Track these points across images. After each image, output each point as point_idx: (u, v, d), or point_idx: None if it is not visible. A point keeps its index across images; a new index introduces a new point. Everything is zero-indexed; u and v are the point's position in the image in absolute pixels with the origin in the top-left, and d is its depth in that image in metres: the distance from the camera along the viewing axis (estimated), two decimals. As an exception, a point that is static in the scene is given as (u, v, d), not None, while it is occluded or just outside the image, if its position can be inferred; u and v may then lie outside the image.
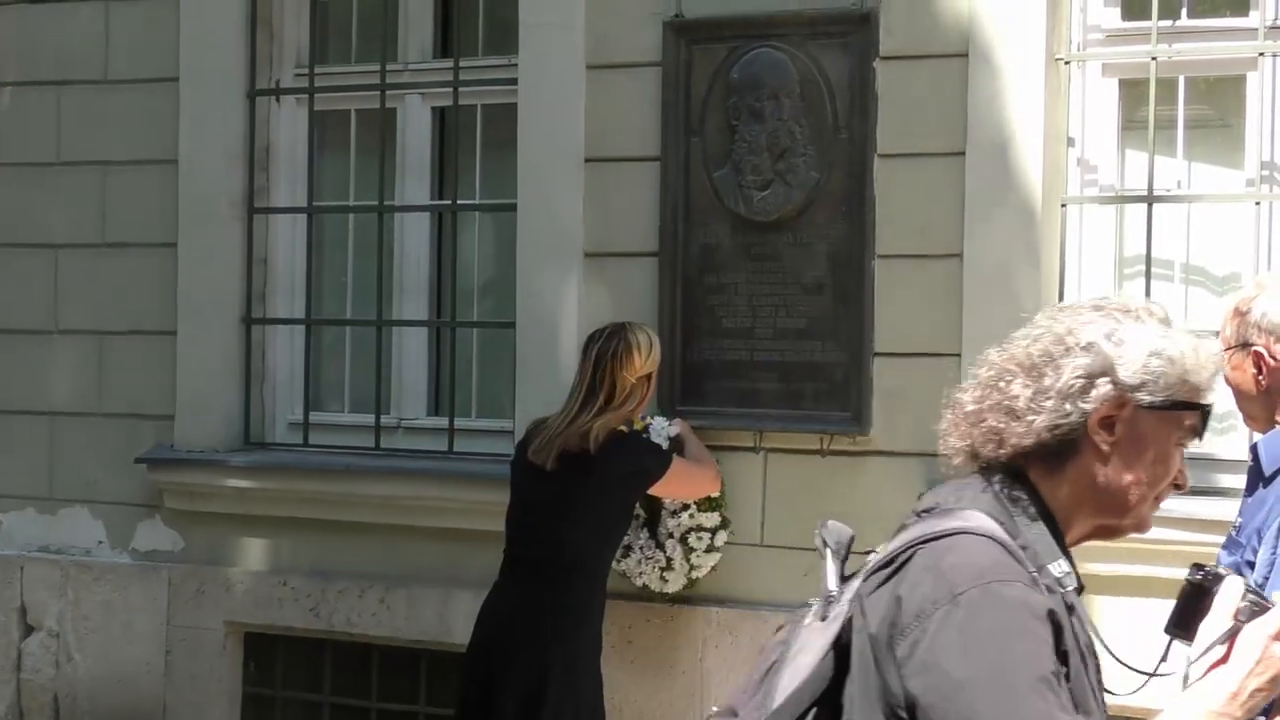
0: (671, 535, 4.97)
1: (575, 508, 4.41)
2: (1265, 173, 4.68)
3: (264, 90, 5.83)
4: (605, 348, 4.43)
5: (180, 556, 5.88)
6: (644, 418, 4.96)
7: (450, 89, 5.59)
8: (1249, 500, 3.15)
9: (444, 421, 5.58)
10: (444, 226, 5.73)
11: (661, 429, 4.90)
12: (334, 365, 5.97)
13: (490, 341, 5.66)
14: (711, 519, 4.97)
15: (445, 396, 5.70)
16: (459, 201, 5.65)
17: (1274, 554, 2.91)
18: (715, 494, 4.89)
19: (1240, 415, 3.36)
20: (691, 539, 4.96)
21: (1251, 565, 2.97)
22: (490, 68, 5.60)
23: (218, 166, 5.77)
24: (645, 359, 4.47)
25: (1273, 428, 3.13)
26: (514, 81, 5.42)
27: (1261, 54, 4.63)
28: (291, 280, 5.88)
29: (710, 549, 4.98)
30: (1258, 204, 4.67)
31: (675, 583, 5.02)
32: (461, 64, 5.58)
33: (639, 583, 5.03)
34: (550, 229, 5.30)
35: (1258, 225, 4.67)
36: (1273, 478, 3.06)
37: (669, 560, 4.98)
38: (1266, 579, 2.89)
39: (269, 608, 5.73)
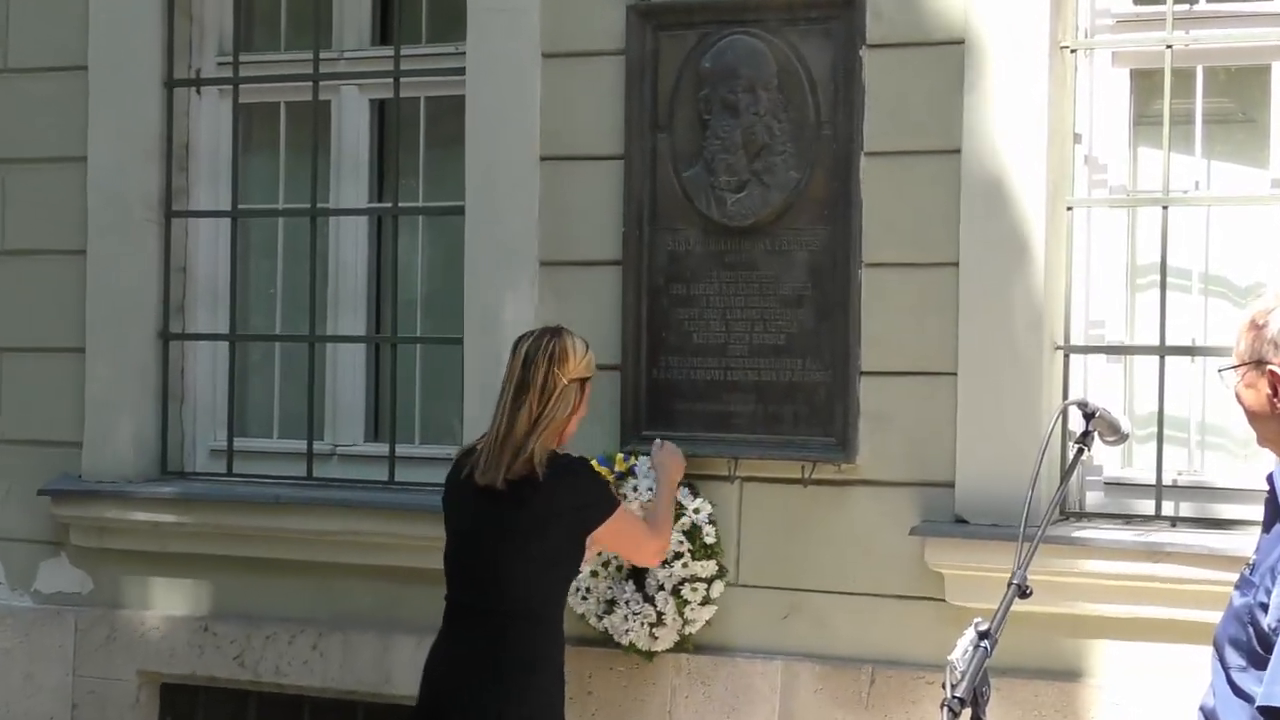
0: (662, 587, 4.92)
1: (515, 539, 4.33)
2: (1292, 173, 4.66)
3: (183, 80, 5.79)
4: (536, 345, 4.42)
5: (88, 599, 5.85)
6: (626, 457, 4.92)
7: (390, 80, 5.56)
8: (1266, 536, 3.07)
9: (384, 448, 5.55)
10: (384, 232, 5.71)
11: (648, 472, 4.88)
12: (261, 386, 5.93)
13: (435, 359, 5.62)
14: (708, 568, 4.92)
15: (385, 420, 5.68)
16: (400, 204, 5.61)
17: None
18: (653, 565, 4.79)
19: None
20: (685, 590, 4.90)
21: (1265, 607, 2.93)
22: (435, 56, 5.58)
23: (131, 164, 5.73)
24: (579, 361, 4.42)
25: None
26: (461, 71, 5.39)
27: (1288, 42, 4.61)
28: (214, 291, 5.85)
29: (706, 601, 4.93)
30: (1284, 207, 4.65)
31: (666, 640, 4.97)
32: (403, 52, 5.55)
33: (625, 641, 4.98)
34: (502, 235, 5.27)
35: (1284, 230, 4.65)
36: None
37: (660, 615, 4.92)
38: None
39: (188, 656, 5.68)
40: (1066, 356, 4.77)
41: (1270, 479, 3.09)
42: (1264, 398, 3.05)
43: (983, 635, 3.11)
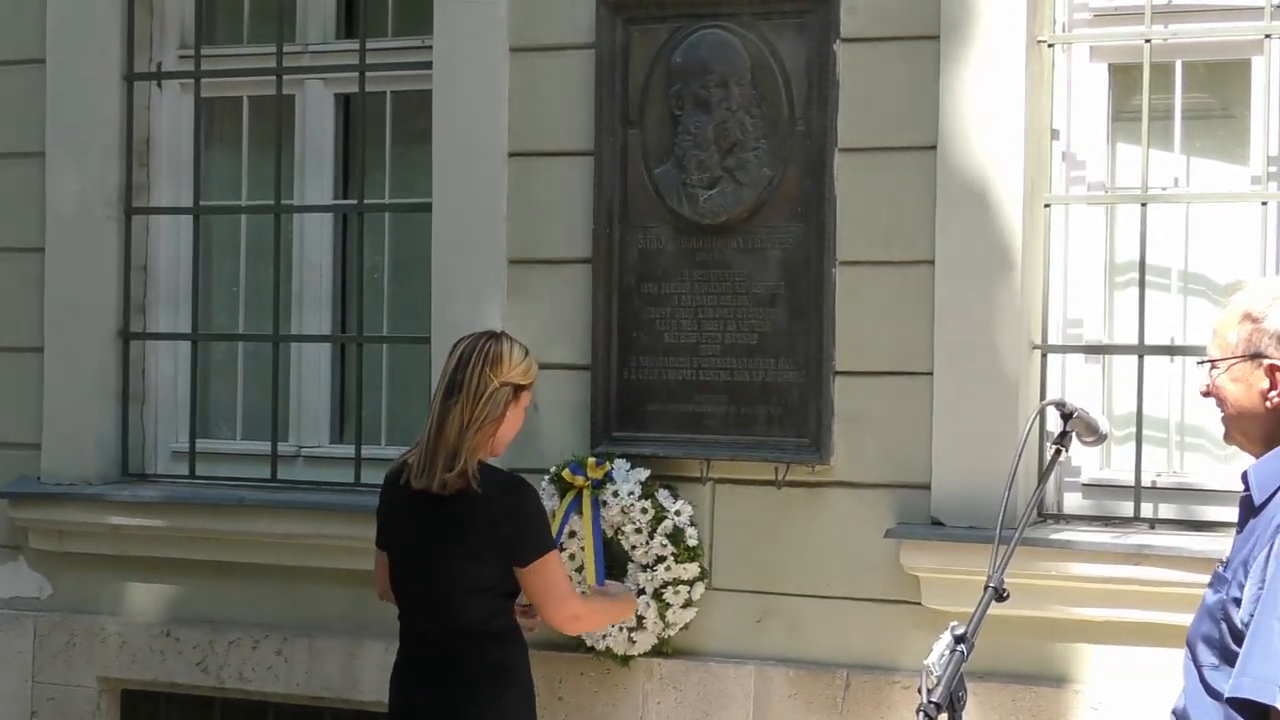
0: (643, 591, 4.90)
1: (456, 559, 4.24)
2: (1272, 169, 4.65)
3: (143, 74, 5.76)
4: (472, 346, 4.34)
5: (47, 604, 5.82)
6: (599, 461, 4.90)
7: (356, 74, 5.53)
8: (1240, 534, 3.07)
9: (350, 450, 5.53)
10: (349, 229, 5.68)
11: (628, 474, 4.88)
12: (224, 386, 5.91)
13: (402, 359, 5.60)
14: (690, 570, 4.91)
15: (351, 421, 5.66)
16: (366, 201, 5.59)
17: (1260, 589, 2.85)
18: (560, 630, 4.54)
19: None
20: (668, 594, 4.89)
21: (1237, 602, 2.92)
22: (401, 50, 5.56)
23: (90, 160, 5.70)
24: (514, 366, 4.32)
25: (1266, 452, 3.05)
26: (428, 65, 5.37)
27: (1268, 36, 4.61)
28: (175, 290, 5.83)
29: (687, 604, 4.92)
30: (1264, 204, 4.65)
31: (644, 644, 4.95)
32: (369, 45, 5.52)
33: (601, 646, 4.96)
34: (469, 232, 5.25)
35: (1264, 227, 4.65)
36: (1262, 507, 2.99)
37: (640, 619, 4.90)
38: (1253, 615, 2.84)
39: (150, 662, 5.65)
40: (1044, 356, 4.76)
41: (1244, 476, 3.08)
42: (1256, 393, 3.03)
43: (959, 639, 3.09)
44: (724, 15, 4.94)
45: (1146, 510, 4.66)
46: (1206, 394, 3.13)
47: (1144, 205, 4.68)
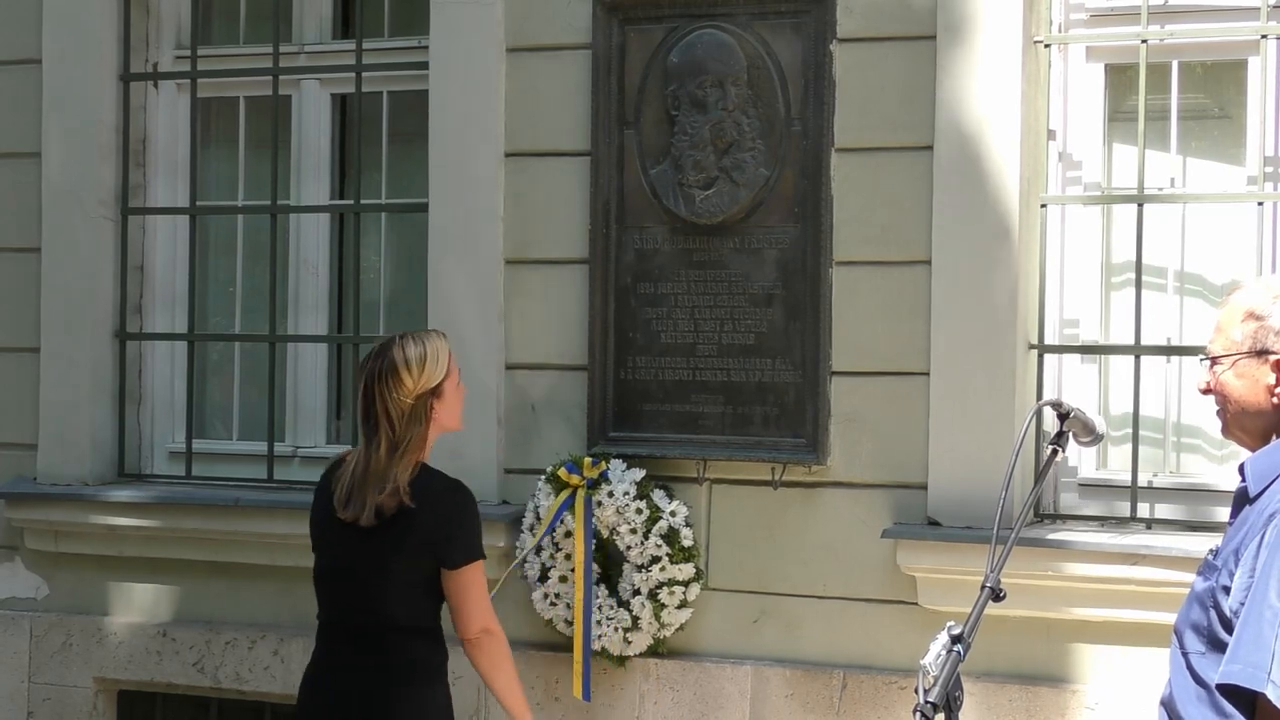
0: (639, 592, 4.90)
1: (390, 569, 4.19)
2: (1269, 169, 4.65)
3: (139, 74, 5.75)
4: (371, 369, 4.22)
5: (44, 605, 5.81)
6: (595, 461, 4.90)
7: (352, 74, 5.53)
8: (1232, 523, 3.10)
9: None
10: (346, 229, 5.67)
11: (623, 474, 4.88)
12: (220, 386, 5.91)
13: (398, 359, 5.54)
14: (685, 571, 4.91)
15: (347, 422, 5.64)
16: (363, 201, 5.58)
17: (1251, 577, 2.87)
18: (464, 642, 4.28)
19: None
20: (663, 594, 4.89)
21: (1227, 590, 2.94)
22: (397, 50, 5.56)
23: (86, 160, 5.68)
24: (418, 377, 4.19)
25: (1263, 446, 3.09)
26: (424, 66, 5.36)
27: (1264, 36, 4.61)
28: (172, 290, 5.82)
29: (683, 604, 4.92)
30: (1260, 204, 4.65)
31: (640, 644, 4.95)
32: (365, 46, 5.52)
33: (597, 646, 4.95)
34: (466, 232, 5.24)
35: (1260, 227, 4.65)
36: (1258, 497, 3.02)
37: (635, 620, 4.90)
38: (1243, 604, 2.86)
39: (146, 662, 5.64)
40: (1041, 356, 4.76)
41: (1242, 468, 3.10)
42: (1262, 388, 3.06)
43: (956, 639, 3.09)
44: (720, 15, 4.94)
45: (1143, 510, 4.66)
46: (1206, 391, 3.15)
47: (1140, 205, 4.68)
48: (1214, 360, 3.11)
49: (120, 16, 5.69)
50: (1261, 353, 3.06)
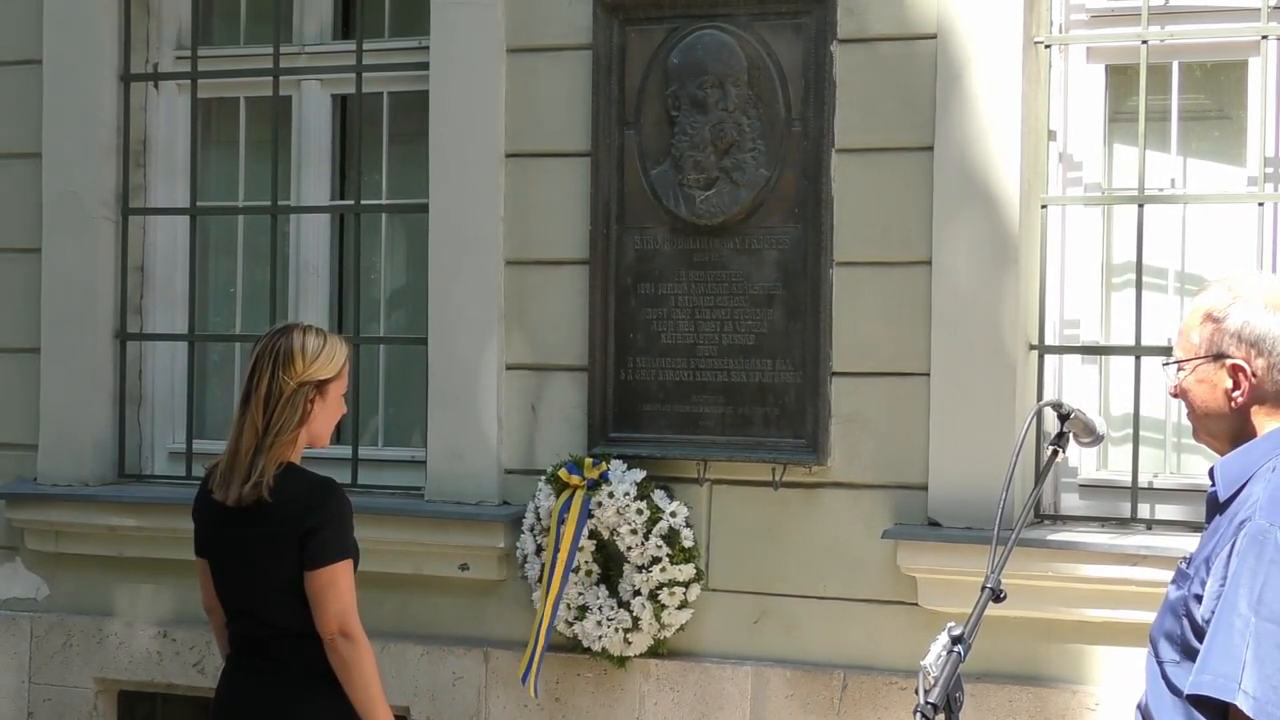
0: (639, 592, 4.90)
1: (263, 569, 4.07)
2: (1269, 170, 4.65)
3: (140, 75, 5.75)
4: (266, 345, 4.10)
5: (44, 605, 5.80)
6: (596, 462, 4.87)
7: (353, 74, 5.53)
8: (1206, 530, 3.09)
9: (347, 450, 5.51)
10: (346, 230, 5.66)
11: (624, 475, 4.87)
12: (221, 387, 5.90)
13: (399, 360, 5.59)
14: (685, 571, 4.91)
15: (348, 422, 5.50)
16: (363, 201, 5.58)
17: (1222, 586, 2.84)
18: (324, 640, 4.05)
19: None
20: (663, 595, 4.89)
21: (1199, 599, 2.90)
22: (398, 50, 5.55)
23: (87, 161, 5.68)
24: (310, 362, 4.07)
25: (1233, 449, 3.05)
26: (424, 66, 5.36)
27: (1265, 37, 4.62)
28: (172, 290, 5.81)
29: (683, 605, 4.92)
30: (1261, 205, 4.65)
31: (640, 645, 4.95)
32: (365, 46, 5.52)
33: (597, 647, 4.95)
34: (466, 233, 5.24)
35: (1260, 228, 4.65)
36: (1227, 504, 2.99)
37: (635, 620, 4.90)
38: (1214, 612, 2.83)
39: (146, 663, 5.64)
40: (1041, 356, 4.76)
41: (1211, 472, 3.09)
42: (1221, 393, 3.02)
43: (956, 640, 3.09)
44: (720, 16, 4.94)
45: (1144, 511, 4.66)
46: (1175, 395, 3.14)
47: (1141, 206, 4.68)
48: (1179, 365, 3.09)
49: (121, 17, 5.69)
50: (1218, 356, 3.02)
